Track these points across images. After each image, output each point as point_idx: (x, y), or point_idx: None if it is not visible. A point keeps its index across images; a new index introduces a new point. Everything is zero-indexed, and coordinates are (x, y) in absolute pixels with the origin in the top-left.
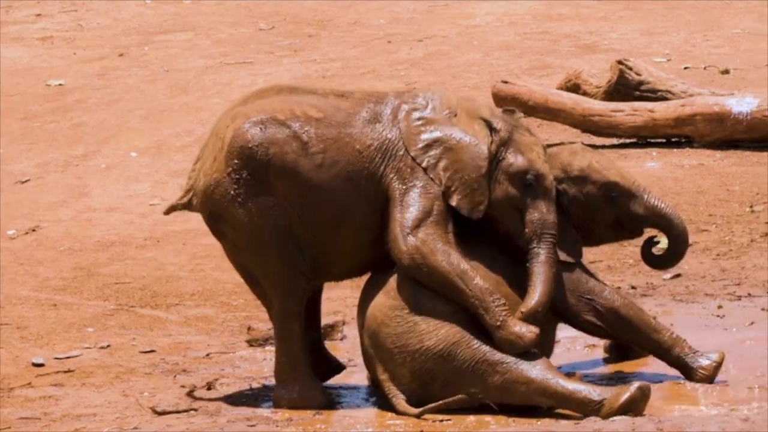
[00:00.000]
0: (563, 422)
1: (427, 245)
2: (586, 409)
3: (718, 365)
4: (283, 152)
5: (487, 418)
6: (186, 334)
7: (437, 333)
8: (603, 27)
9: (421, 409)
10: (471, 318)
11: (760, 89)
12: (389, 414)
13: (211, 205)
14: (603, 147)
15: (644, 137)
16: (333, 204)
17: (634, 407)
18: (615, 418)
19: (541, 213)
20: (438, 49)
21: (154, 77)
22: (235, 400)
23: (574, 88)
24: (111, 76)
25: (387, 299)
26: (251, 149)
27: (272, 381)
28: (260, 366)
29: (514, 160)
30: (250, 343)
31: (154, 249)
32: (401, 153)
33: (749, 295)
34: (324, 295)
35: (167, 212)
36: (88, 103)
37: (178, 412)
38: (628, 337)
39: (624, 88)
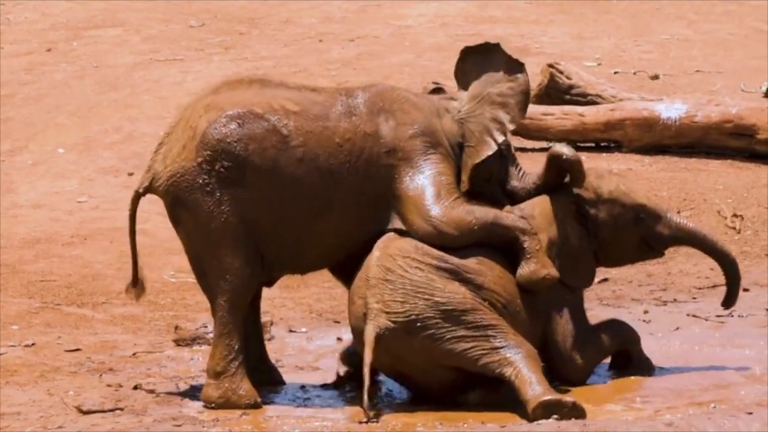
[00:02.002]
0: (490, 425)
1: (451, 214)
2: (525, 392)
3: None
4: (263, 148)
5: (417, 418)
6: (112, 333)
7: (450, 294)
8: (534, 30)
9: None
10: (491, 302)
11: (689, 95)
12: (318, 415)
13: (174, 191)
14: (533, 150)
15: (574, 141)
16: (313, 197)
17: (555, 409)
18: (541, 421)
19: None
20: (370, 49)
21: (83, 73)
22: (162, 399)
23: None
24: (38, 72)
25: (413, 249)
26: (229, 144)
27: (199, 380)
28: (187, 366)
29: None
30: (177, 342)
31: (80, 247)
32: (390, 146)
33: (675, 300)
34: None
35: (134, 201)
36: (15, 98)
37: (103, 411)
38: None
39: (554, 91)
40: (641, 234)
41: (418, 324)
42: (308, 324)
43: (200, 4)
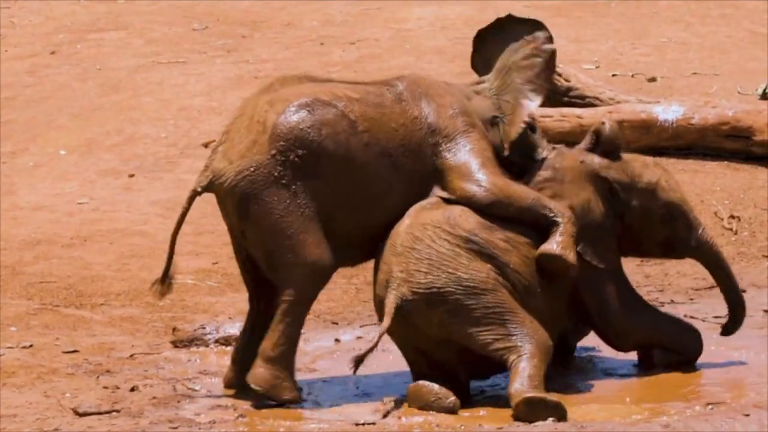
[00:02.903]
0: (487, 426)
1: (498, 181)
2: (514, 383)
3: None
4: (336, 132)
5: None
6: (110, 334)
7: (474, 271)
8: None
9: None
10: (513, 283)
11: (686, 97)
12: (314, 416)
13: (245, 187)
14: None
15: (572, 143)
16: (378, 181)
17: (538, 408)
18: (538, 423)
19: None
20: (370, 51)
21: (86, 75)
22: (159, 401)
23: None
24: (42, 74)
25: (444, 220)
26: (302, 131)
27: (197, 382)
28: (185, 367)
29: None
30: (175, 344)
31: (80, 248)
32: (433, 126)
33: (672, 301)
34: (243, 296)
35: (189, 199)
36: (18, 100)
37: (100, 413)
38: None
39: (552, 93)
40: (667, 233)
41: (439, 297)
42: (306, 325)
43: (202, 7)
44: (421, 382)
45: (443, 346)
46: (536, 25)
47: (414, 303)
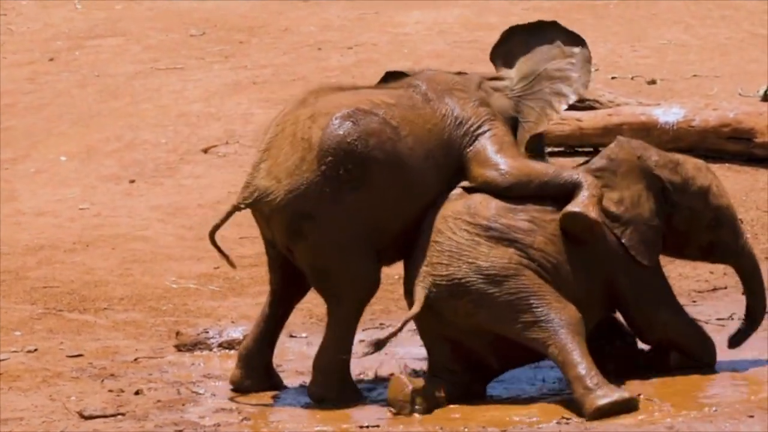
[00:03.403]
0: (491, 429)
1: (515, 162)
2: (576, 388)
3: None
4: (382, 141)
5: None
6: (114, 338)
7: (494, 258)
8: None
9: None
10: (540, 264)
11: (686, 100)
12: (318, 417)
13: (297, 205)
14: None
15: (572, 146)
16: (421, 184)
17: (612, 412)
18: (542, 425)
19: None
20: (368, 56)
21: (85, 82)
22: (163, 404)
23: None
24: (41, 81)
25: (465, 210)
26: (350, 144)
27: (201, 386)
28: (189, 371)
29: None
30: (179, 348)
31: (82, 253)
32: (459, 118)
33: None
34: (254, 300)
35: (229, 213)
36: (18, 107)
37: (105, 416)
38: None
39: None
40: (712, 238)
41: (461, 288)
42: (309, 329)
43: (200, 13)
44: (404, 378)
45: (474, 335)
46: (578, 40)
47: (439, 294)
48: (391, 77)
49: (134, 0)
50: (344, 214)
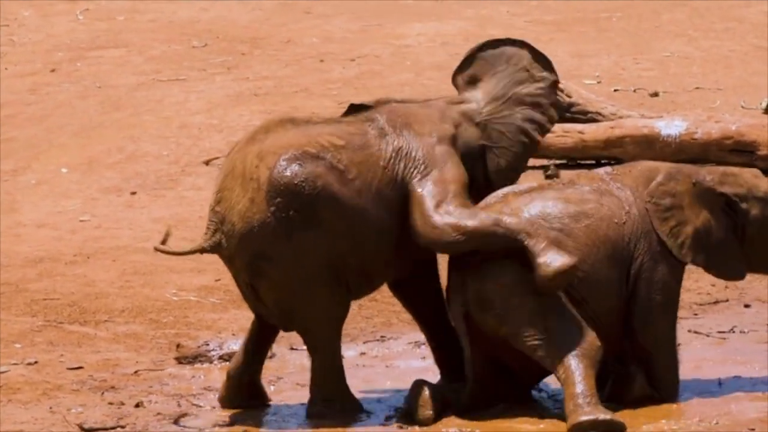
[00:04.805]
0: None
1: (454, 217)
2: (568, 404)
3: None
4: (329, 184)
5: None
6: (114, 350)
7: (517, 275)
8: None
9: None
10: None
11: (689, 112)
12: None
13: (254, 246)
14: (533, 168)
15: (574, 159)
16: (374, 224)
17: (590, 430)
18: None
19: None
20: (370, 68)
21: (86, 93)
22: (163, 417)
23: None
24: (42, 92)
25: None
26: (297, 186)
27: (201, 398)
28: (189, 383)
29: None
30: (179, 360)
31: (83, 265)
32: (413, 154)
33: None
34: (246, 313)
35: (192, 251)
36: (19, 118)
37: (105, 429)
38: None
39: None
40: None
41: (487, 303)
42: None
43: (202, 24)
44: (426, 383)
45: (509, 350)
46: (546, 64)
47: (471, 309)
48: (354, 110)
49: (136, 11)
50: (300, 251)
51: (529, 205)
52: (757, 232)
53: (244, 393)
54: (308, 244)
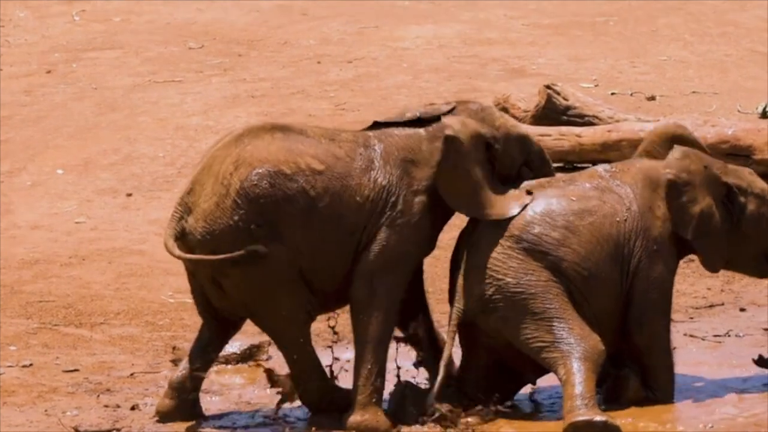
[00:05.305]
0: None
1: (379, 299)
2: (566, 404)
3: None
4: (295, 209)
5: None
6: (110, 353)
7: (521, 275)
8: (531, 52)
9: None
10: (570, 277)
11: (685, 116)
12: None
13: (214, 247)
14: None
15: (571, 162)
16: (335, 253)
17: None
18: None
19: None
20: (367, 70)
21: (82, 95)
22: (159, 420)
23: (502, 111)
24: (38, 93)
25: (501, 221)
26: (262, 205)
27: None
28: None
29: None
30: (175, 362)
31: (79, 267)
32: (390, 200)
33: (672, 320)
34: None
35: (171, 249)
36: (15, 119)
37: (100, 431)
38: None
39: (551, 112)
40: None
41: (491, 305)
42: None
43: (199, 26)
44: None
45: (513, 351)
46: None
47: (473, 311)
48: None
49: (132, 12)
50: (262, 261)
51: (533, 203)
52: (752, 229)
53: (184, 407)
54: (269, 256)
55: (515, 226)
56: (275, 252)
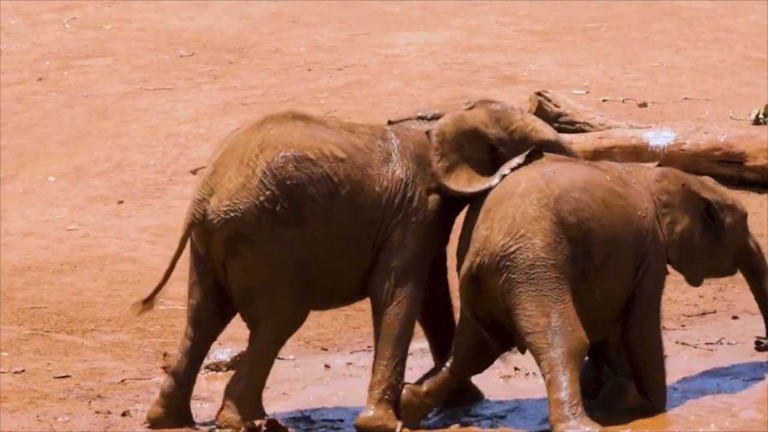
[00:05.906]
0: None
1: (399, 297)
2: (553, 411)
3: None
4: (319, 193)
5: None
6: (101, 359)
7: (544, 246)
8: (523, 58)
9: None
10: (590, 254)
11: (678, 123)
12: None
13: (237, 225)
14: None
15: None
16: (361, 239)
17: None
18: None
19: None
20: (358, 77)
21: (73, 102)
22: (150, 426)
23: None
24: (29, 101)
25: (538, 176)
26: (288, 186)
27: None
28: None
29: None
30: (166, 369)
31: (70, 274)
32: (405, 193)
33: (664, 327)
34: (241, 321)
35: (187, 231)
36: (6, 127)
37: None
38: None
39: (543, 119)
40: (741, 247)
41: (507, 262)
42: (296, 351)
43: (189, 33)
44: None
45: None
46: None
47: (488, 267)
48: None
49: (123, 20)
50: (278, 245)
51: (569, 171)
52: (730, 238)
53: (175, 413)
54: (289, 240)
55: (555, 184)
56: (295, 237)
